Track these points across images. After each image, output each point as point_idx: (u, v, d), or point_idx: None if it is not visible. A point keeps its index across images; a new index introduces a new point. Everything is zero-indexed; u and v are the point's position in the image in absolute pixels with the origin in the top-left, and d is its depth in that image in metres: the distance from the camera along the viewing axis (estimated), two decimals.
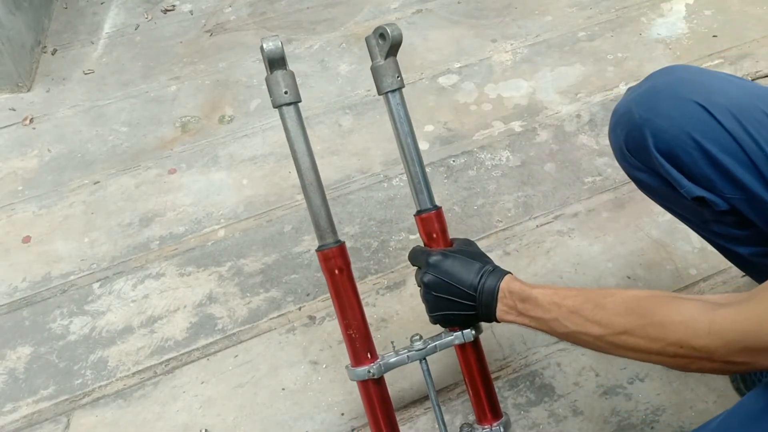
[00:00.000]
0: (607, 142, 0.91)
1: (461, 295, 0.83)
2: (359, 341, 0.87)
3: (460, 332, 0.90)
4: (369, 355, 0.87)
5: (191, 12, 2.05)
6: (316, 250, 0.86)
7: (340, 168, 1.52)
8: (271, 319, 1.26)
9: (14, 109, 1.76)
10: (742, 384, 1.07)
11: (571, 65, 1.73)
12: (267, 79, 0.83)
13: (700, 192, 0.78)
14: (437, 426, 0.93)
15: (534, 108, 1.63)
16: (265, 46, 0.80)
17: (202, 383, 1.17)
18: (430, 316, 0.88)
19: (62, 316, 1.29)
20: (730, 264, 0.99)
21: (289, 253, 1.36)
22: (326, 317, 1.25)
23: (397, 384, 1.13)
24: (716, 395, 1.08)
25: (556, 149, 1.52)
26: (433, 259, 0.85)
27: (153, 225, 1.44)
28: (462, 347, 0.92)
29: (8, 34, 1.75)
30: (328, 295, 1.28)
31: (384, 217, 1.41)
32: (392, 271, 1.31)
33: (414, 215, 0.92)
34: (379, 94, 0.90)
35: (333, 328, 1.23)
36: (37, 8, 1.96)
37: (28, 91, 1.81)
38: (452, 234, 0.95)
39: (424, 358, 0.90)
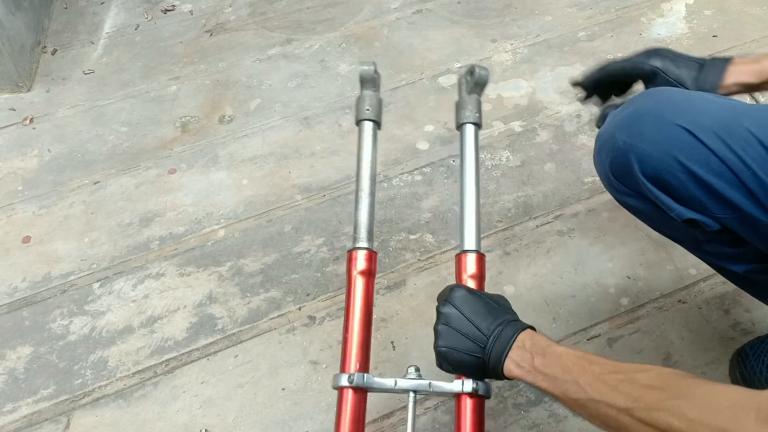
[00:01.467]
0: None
1: (474, 335, 0.74)
2: (354, 347, 0.82)
3: (461, 381, 0.78)
4: (358, 366, 0.81)
5: (191, 12, 2.05)
6: (349, 250, 0.85)
7: (340, 168, 1.52)
8: (271, 319, 1.26)
9: (14, 109, 1.76)
10: (743, 384, 1.07)
11: (571, 65, 1.73)
12: (357, 98, 0.95)
13: (690, 214, 0.77)
14: None
15: (534, 108, 1.63)
16: (360, 68, 0.91)
17: (202, 383, 1.17)
18: (435, 350, 0.77)
19: (62, 316, 1.29)
20: None
21: (289, 253, 1.36)
22: (326, 317, 1.25)
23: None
24: None
25: (556, 149, 1.52)
26: (459, 292, 0.78)
27: (153, 225, 1.44)
28: (460, 401, 0.79)
29: (8, 34, 1.75)
30: (328, 295, 1.28)
31: (384, 217, 1.41)
32: (392, 271, 1.31)
33: (456, 254, 0.87)
34: (456, 126, 0.94)
35: (333, 328, 1.23)
36: (37, 8, 1.96)
37: (28, 91, 1.81)
38: (451, 233, 0.95)
39: (414, 392, 0.80)
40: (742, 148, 0.73)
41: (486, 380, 0.79)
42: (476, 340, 0.74)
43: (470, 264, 0.85)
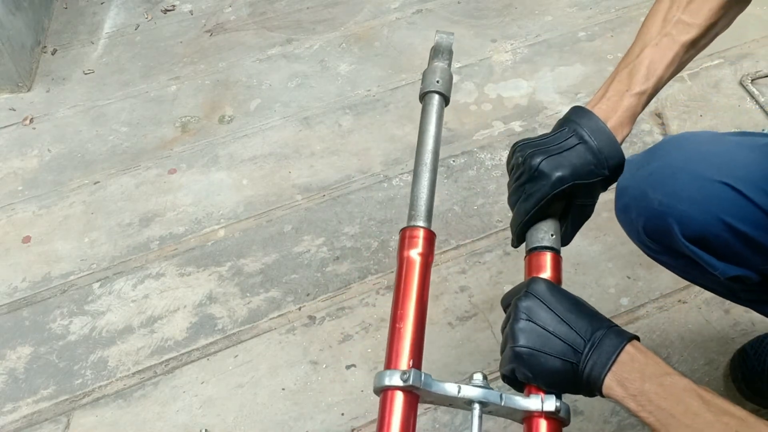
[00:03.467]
0: None
1: (567, 336, 0.60)
2: (408, 340, 0.65)
3: (540, 396, 0.61)
4: (411, 363, 0.63)
5: (191, 12, 2.05)
6: (402, 229, 0.70)
7: (340, 168, 1.52)
8: (271, 319, 1.26)
9: (14, 109, 1.76)
10: (743, 384, 1.07)
11: (571, 65, 1.73)
12: (425, 71, 0.80)
13: (735, 272, 0.76)
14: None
15: (534, 108, 1.63)
16: (438, 35, 0.80)
17: (202, 383, 1.17)
18: (511, 351, 0.62)
19: (62, 316, 1.29)
20: None
21: (289, 253, 1.36)
22: (326, 317, 1.25)
23: None
24: None
25: None
26: (543, 284, 0.65)
27: (153, 225, 1.44)
28: (532, 424, 0.61)
29: (8, 34, 1.75)
30: (328, 295, 1.28)
31: (384, 217, 1.41)
32: (392, 271, 1.31)
33: (526, 255, 0.74)
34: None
35: (333, 328, 1.23)
36: (37, 8, 1.96)
37: (28, 91, 1.81)
38: (451, 233, 0.95)
39: (480, 403, 0.61)
40: None
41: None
42: (572, 343, 0.60)
43: (546, 264, 0.72)
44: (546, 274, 0.70)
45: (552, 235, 0.73)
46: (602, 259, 1.30)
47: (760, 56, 1.70)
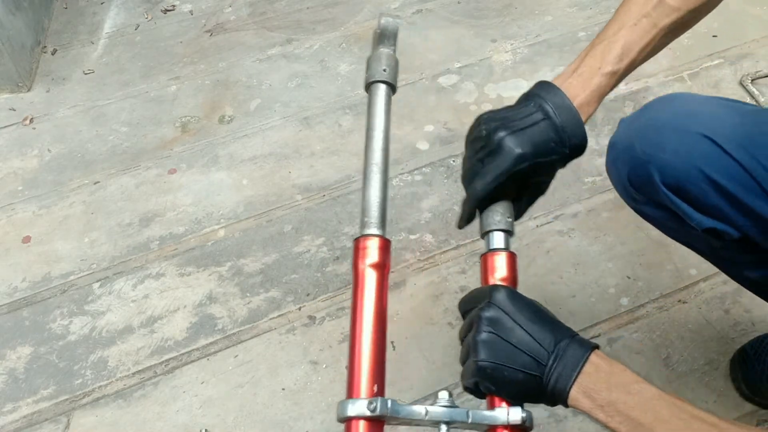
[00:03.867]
0: (608, 141, 0.91)
1: (530, 347, 0.59)
2: (371, 366, 0.62)
3: (506, 409, 0.61)
4: (375, 389, 0.61)
5: (191, 12, 2.05)
6: (355, 239, 0.67)
7: (340, 168, 1.52)
8: (271, 319, 1.26)
9: (14, 109, 1.76)
10: (744, 384, 1.07)
11: None
12: (369, 57, 0.74)
13: (711, 223, 0.76)
14: None
15: None
16: (383, 18, 0.74)
17: (202, 383, 1.17)
18: (474, 364, 0.61)
19: (62, 316, 1.29)
20: None
21: (289, 253, 1.36)
22: (326, 317, 1.25)
23: None
24: (716, 395, 1.08)
25: None
26: (502, 292, 0.63)
27: (153, 225, 1.44)
28: None
29: (8, 34, 1.75)
30: (328, 295, 1.28)
31: None
32: (392, 271, 1.31)
33: (481, 255, 0.71)
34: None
35: (333, 327, 1.23)
36: (37, 8, 1.96)
37: (28, 91, 1.81)
38: (451, 233, 0.95)
39: (446, 423, 0.61)
40: (766, 156, 0.72)
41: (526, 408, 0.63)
42: (535, 355, 0.59)
43: (502, 264, 0.69)
44: (503, 275, 0.69)
45: (508, 218, 0.71)
46: (602, 259, 1.30)
47: (760, 56, 1.70)
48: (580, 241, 1.34)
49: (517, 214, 0.74)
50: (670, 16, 0.71)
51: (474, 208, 0.71)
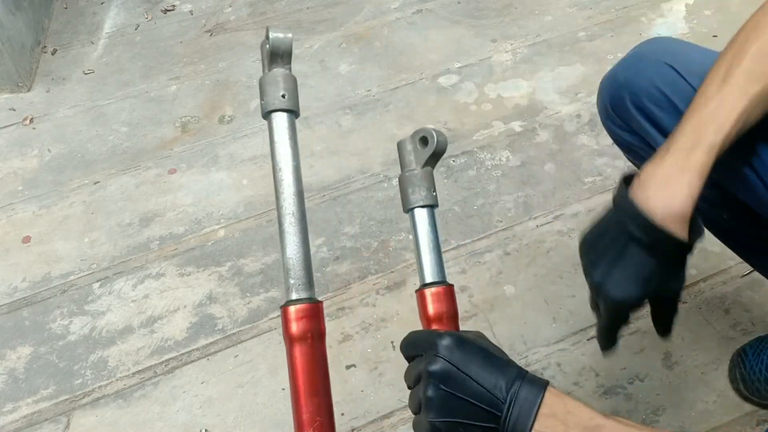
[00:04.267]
0: (608, 142, 0.92)
1: (483, 398, 0.57)
2: None
3: None
4: None
5: (191, 12, 2.05)
6: (282, 306, 0.61)
7: (340, 168, 1.52)
8: (271, 319, 1.26)
9: (14, 109, 1.76)
10: (742, 384, 1.07)
11: (571, 65, 1.73)
12: (261, 80, 0.65)
13: None
14: None
15: (534, 108, 1.63)
16: (272, 34, 0.62)
17: (202, 383, 1.17)
18: (428, 423, 0.58)
19: (62, 316, 1.29)
20: (730, 264, 1.00)
21: None
22: (326, 317, 1.25)
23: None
24: (716, 395, 1.08)
25: (556, 149, 1.52)
26: (447, 341, 0.59)
27: (153, 225, 1.44)
28: None
29: (8, 34, 1.75)
30: (328, 295, 1.28)
31: (384, 217, 1.41)
32: (392, 271, 1.31)
33: (416, 291, 0.68)
34: (405, 210, 0.70)
35: (332, 328, 1.23)
36: (37, 8, 1.96)
37: (28, 91, 1.81)
38: (451, 233, 0.95)
39: None
40: None
41: None
42: (489, 406, 0.56)
43: (440, 300, 0.66)
44: (442, 312, 0.66)
45: (433, 193, 0.68)
46: None
47: None
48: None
49: (665, 330, 0.73)
50: (760, 82, 0.65)
51: (604, 343, 0.71)
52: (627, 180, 0.69)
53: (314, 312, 0.60)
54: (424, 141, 0.68)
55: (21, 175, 1.58)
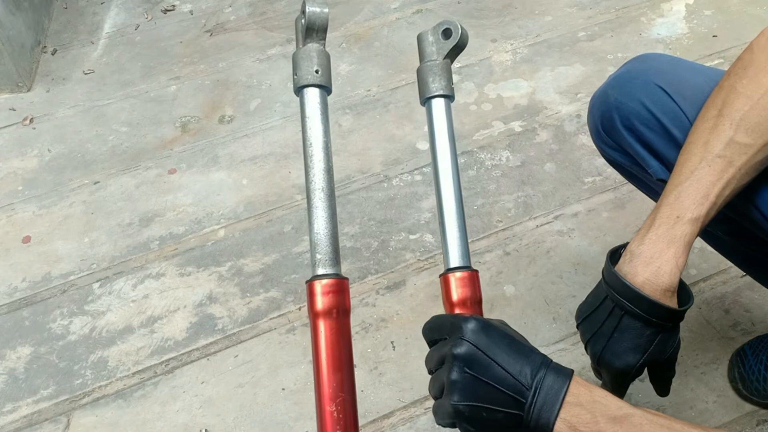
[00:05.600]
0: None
1: (508, 383, 0.56)
2: (343, 426, 0.58)
3: None
4: None
5: (191, 12, 2.05)
6: (308, 281, 0.62)
7: (340, 168, 1.52)
8: (271, 319, 1.26)
9: (14, 109, 1.76)
10: (742, 384, 1.07)
11: (571, 65, 1.73)
12: (295, 55, 0.64)
13: (665, 176, 0.80)
14: None
15: (534, 108, 1.63)
16: (309, 8, 0.62)
17: (202, 383, 1.17)
18: (451, 407, 0.57)
19: (62, 316, 1.29)
20: (730, 264, 0.99)
21: (289, 253, 1.36)
22: None
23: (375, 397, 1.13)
24: (716, 395, 1.08)
25: (556, 149, 1.52)
26: (473, 324, 0.58)
27: (153, 225, 1.45)
28: None
29: (8, 34, 1.75)
30: None
31: (384, 217, 1.41)
32: (392, 271, 1.31)
33: (440, 275, 0.67)
34: (422, 101, 0.71)
35: None
36: (37, 8, 1.96)
37: (28, 91, 1.81)
38: None
39: None
40: None
41: None
42: (513, 392, 0.56)
43: (465, 285, 0.66)
44: (467, 297, 0.65)
45: (448, 83, 0.68)
46: (602, 260, 1.29)
47: None
48: (580, 241, 1.34)
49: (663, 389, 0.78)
50: (746, 153, 0.65)
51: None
52: (613, 254, 0.71)
53: (340, 288, 0.60)
54: (447, 33, 0.68)
55: (21, 175, 1.58)
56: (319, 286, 0.60)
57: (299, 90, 0.64)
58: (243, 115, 1.69)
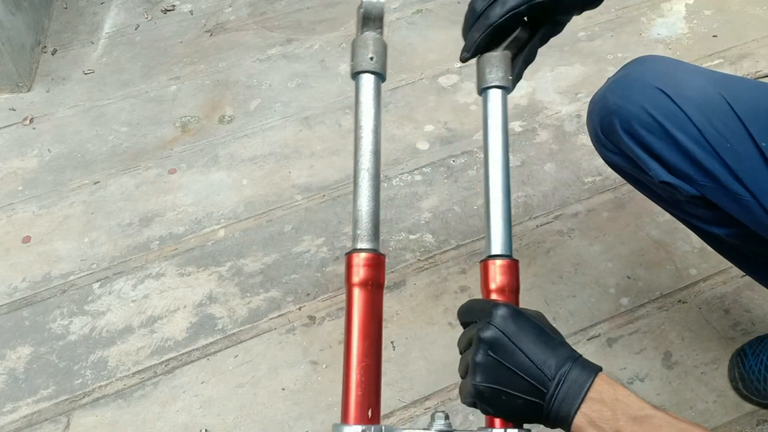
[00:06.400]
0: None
1: (531, 372, 0.57)
2: (365, 389, 0.62)
3: (502, 431, 0.60)
4: (370, 414, 0.61)
5: (191, 12, 2.05)
6: (347, 253, 0.64)
7: (340, 168, 1.52)
8: (271, 319, 1.26)
9: (14, 109, 1.76)
10: (741, 384, 1.07)
11: (571, 65, 1.73)
12: (353, 42, 0.68)
13: (668, 178, 0.80)
14: None
15: (534, 108, 1.63)
16: (365, 1, 0.67)
17: (202, 383, 1.17)
18: (472, 387, 0.60)
19: (62, 316, 1.29)
20: (730, 264, 0.99)
21: (289, 253, 1.36)
22: (326, 317, 1.25)
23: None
24: (716, 395, 1.08)
25: (556, 149, 1.52)
26: (503, 311, 0.60)
27: (153, 225, 1.44)
28: None
29: (8, 34, 1.75)
30: (329, 295, 1.28)
31: (384, 217, 1.41)
32: (392, 271, 1.31)
33: (480, 261, 0.68)
34: (479, 91, 0.73)
35: (333, 328, 1.23)
36: (37, 8, 1.96)
37: (28, 91, 1.81)
38: (451, 233, 0.95)
39: None
40: (722, 121, 0.75)
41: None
42: (535, 380, 0.57)
43: (504, 273, 0.66)
44: (504, 285, 0.66)
45: (505, 75, 0.69)
46: (602, 259, 1.30)
47: (760, 56, 1.70)
48: (580, 241, 1.34)
49: (528, 56, 0.72)
50: None
51: (485, 36, 0.70)
52: None
53: (376, 262, 0.64)
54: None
55: (21, 175, 1.58)
56: (356, 259, 0.63)
57: (354, 76, 0.68)
58: (243, 115, 1.69)
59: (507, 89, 0.71)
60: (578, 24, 1.86)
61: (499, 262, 0.66)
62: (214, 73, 1.82)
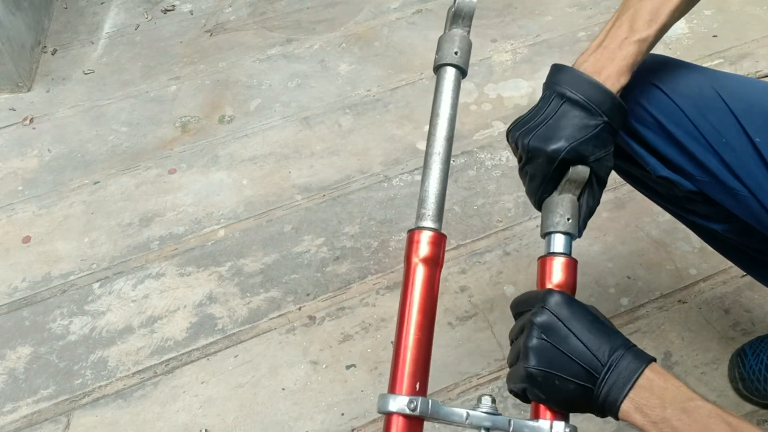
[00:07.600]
0: None
1: (583, 357, 0.58)
2: (416, 362, 0.62)
3: (549, 422, 0.60)
4: (417, 387, 0.61)
5: (191, 12, 2.05)
6: (409, 231, 0.66)
7: (340, 168, 1.52)
8: (271, 319, 1.26)
9: (14, 109, 1.76)
10: (741, 384, 1.07)
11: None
12: (440, 37, 0.71)
13: (665, 173, 0.80)
14: None
15: None
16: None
17: (202, 383, 1.17)
18: (524, 370, 0.60)
19: (62, 316, 1.29)
20: (730, 264, 0.99)
21: (289, 253, 1.36)
22: (326, 317, 1.25)
23: None
24: (716, 395, 1.08)
25: None
26: (558, 297, 0.61)
27: (153, 225, 1.44)
28: None
29: (8, 34, 1.75)
30: (328, 295, 1.28)
31: (384, 217, 1.41)
32: (392, 271, 1.31)
33: (539, 258, 0.70)
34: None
35: (333, 328, 1.23)
36: (37, 8, 1.96)
37: (28, 91, 1.81)
38: (451, 233, 0.95)
39: (487, 430, 0.61)
40: (717, 117, 0.75)
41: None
42: (588, 365, 0.57)
43: (563, 270, 0.68)
44: (559, 280, 0.67)
45: (568, 219, 0.71)
46: (602, 259, 1.30)
47: (760, 56, 1.70)
48: (580, 241, 1.33)
49: (593, 201, 0.76)
50: None
51: (537, 205, 0.73)
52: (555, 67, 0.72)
53: (437, 241, 0.65)
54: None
55: (21, 175, 1.58)
56: (418, 236, 0.65)
57: (437, 68, 0.71)
58: (243, 115, 1.69)
59: (572, 235, 0.73)
60: (578, 24, 1.86)
61: (559, 259, 0.68)
62: (214, 73, 1.82)
